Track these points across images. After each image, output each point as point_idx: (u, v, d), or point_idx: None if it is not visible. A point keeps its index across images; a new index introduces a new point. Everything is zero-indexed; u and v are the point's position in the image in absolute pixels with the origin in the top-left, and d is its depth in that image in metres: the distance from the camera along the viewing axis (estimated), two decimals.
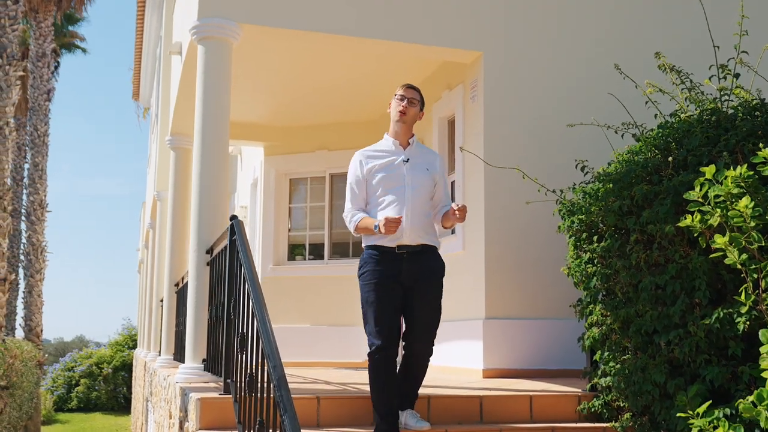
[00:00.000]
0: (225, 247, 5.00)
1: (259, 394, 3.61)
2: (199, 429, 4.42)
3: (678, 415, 3.87)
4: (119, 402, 24.94)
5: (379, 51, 7.15)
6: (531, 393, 5.04)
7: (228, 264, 4.77)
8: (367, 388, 5.41)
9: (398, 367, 4.38)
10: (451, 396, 4.89)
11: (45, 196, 21.96)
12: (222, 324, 4.98)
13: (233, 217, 4.69)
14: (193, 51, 6.81)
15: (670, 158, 4.21)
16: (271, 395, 3.28)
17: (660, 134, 4.63)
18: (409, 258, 4.26)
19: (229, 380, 4.57)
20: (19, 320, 20.67)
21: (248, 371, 3.84)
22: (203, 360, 5.79)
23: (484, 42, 6.95)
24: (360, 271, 4.31)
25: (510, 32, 7.02)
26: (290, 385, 5.92)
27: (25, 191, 22.82)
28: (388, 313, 4.20)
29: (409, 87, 4.48)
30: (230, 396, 4.43)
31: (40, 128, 22.36)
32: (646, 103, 5.19)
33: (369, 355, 4.25)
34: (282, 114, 10.04)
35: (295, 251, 10.45)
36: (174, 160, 9.35)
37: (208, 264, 5.86)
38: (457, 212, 4.23)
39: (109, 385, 24.97)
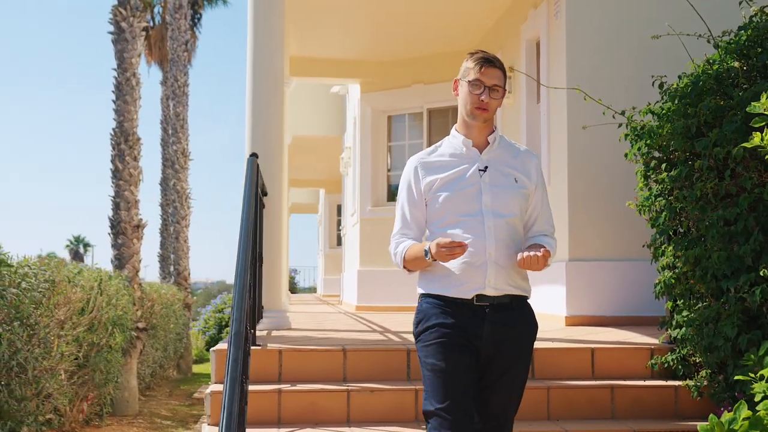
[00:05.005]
0: None
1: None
2: (215, 383, 4.18)
3: (736, 378, 3.20)
4: None
5: None
6: (594, 345, 4.44)
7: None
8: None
9: None
10: None
11: (187, 144, 22.63)
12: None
13: (252, 155, 4.36)
14: None
15: (737, 63, 3.42)
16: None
17: (740, 38, 3.81)
18: (492, 314, 2.83)
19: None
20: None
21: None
22: None
23: None
24: (419, 326, 2.90)
25: None
26: (337, 335, 5.58)
27: (170, 140, 23.69)
28: (462, 385, 2.78)
29: (489, 65, 2.84)
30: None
31: (180, 79, 22.95)
32: (740, 2, 4.33)
33: None
34: (375, 48, 9.56)
35: (395, 192, 10.04)
36: None
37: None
38: (524, 259, 2.75)
39: None
